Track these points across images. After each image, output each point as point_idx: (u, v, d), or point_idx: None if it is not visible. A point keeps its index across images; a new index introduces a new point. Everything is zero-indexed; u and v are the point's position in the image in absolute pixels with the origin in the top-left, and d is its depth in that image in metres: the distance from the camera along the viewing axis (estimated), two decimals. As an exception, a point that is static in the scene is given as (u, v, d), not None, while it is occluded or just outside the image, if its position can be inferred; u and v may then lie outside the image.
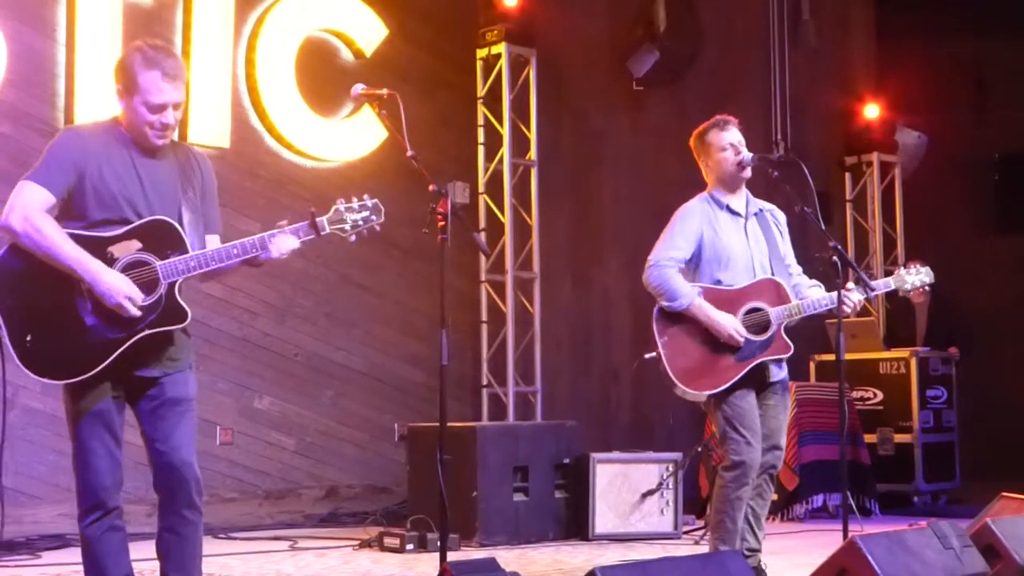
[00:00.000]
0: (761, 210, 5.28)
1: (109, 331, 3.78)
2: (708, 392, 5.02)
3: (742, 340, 4.99)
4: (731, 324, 5.00)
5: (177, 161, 3.99)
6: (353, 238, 4.11)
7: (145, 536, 4.21)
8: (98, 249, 3.79)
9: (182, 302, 3.87)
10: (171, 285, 3.84)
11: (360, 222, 4.10)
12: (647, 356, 5.18)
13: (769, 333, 5.04)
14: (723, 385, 4.99)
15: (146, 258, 3.83)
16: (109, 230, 3.82)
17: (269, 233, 3.97)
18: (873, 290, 5.20)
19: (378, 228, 4.15)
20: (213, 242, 4.02)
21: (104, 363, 3.77)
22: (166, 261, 3.83)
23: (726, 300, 5.05)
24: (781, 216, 5.37)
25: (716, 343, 5.02)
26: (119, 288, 3.76)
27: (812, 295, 5.13)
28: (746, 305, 5.05)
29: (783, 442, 5.18)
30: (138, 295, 3.78)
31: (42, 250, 3.75)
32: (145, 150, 3.91)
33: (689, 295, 5.02)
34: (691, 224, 5.14)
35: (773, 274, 5.15)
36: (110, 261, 3.80)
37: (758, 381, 5.08)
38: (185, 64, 3.97)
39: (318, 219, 4.03)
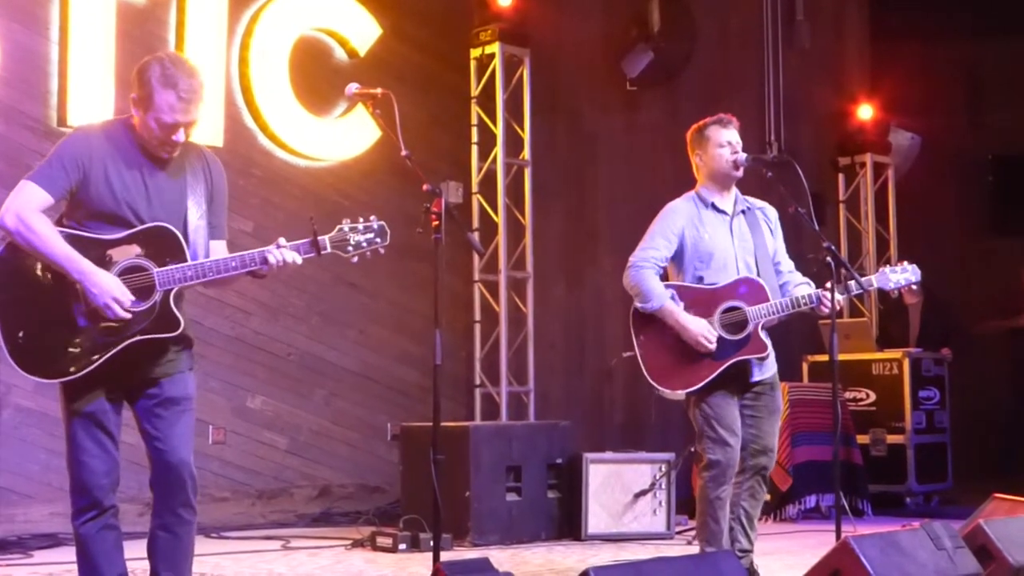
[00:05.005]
0: (750, 208, 5.27)
1: (100, 334, 3.77)
2: (682, 391, 5.03)
3: (712, 347, 4.98)
4: (699, 330, 4.97)
5: (188, 165, 3.95)
6: (355, 259, 4.06)
7: (137, 535, 4.20)
8: (98, 250, 3.78)
9: (176, 311, 3.84)
10: (166, 293, 3.82)
11: (364, 243, 4.05)
12: (625, 355, 5.18)
13: (745, 332, 5.03)
14: (697, 384, 5.00)
15: (144, 264, 3.81)
16: (110, 232, 3.80)
17: (269, 248, 3.92)
18: (858, 288, 5.14)
19: (381, 251, 4.09)
20: (219, 248, 3.99)
21: (93, 365, 3.76)
22: (164, 268, 3.81)
23: (704, 299, 5.04)
24: (773, 214, 5.36)
25: None
26: (108, 288, 3.73)
27: (798, 294, 5.11)
28: (724, 304, 5.04)
29: (774, 443, 5.15)
30: (127, 298, 3.75)
31: (34, 248, 3.75)
32: (154, 157, 3.90)
33: (660, 297, 5.02)
34: (673, 223, 5.14)
35: (758, 273, 5.13)
36: (108, 264, 3.78)
37: (739, 381, 5.07)
38: (202, 82, 3.85)
39: (320, 238, 3.99)
